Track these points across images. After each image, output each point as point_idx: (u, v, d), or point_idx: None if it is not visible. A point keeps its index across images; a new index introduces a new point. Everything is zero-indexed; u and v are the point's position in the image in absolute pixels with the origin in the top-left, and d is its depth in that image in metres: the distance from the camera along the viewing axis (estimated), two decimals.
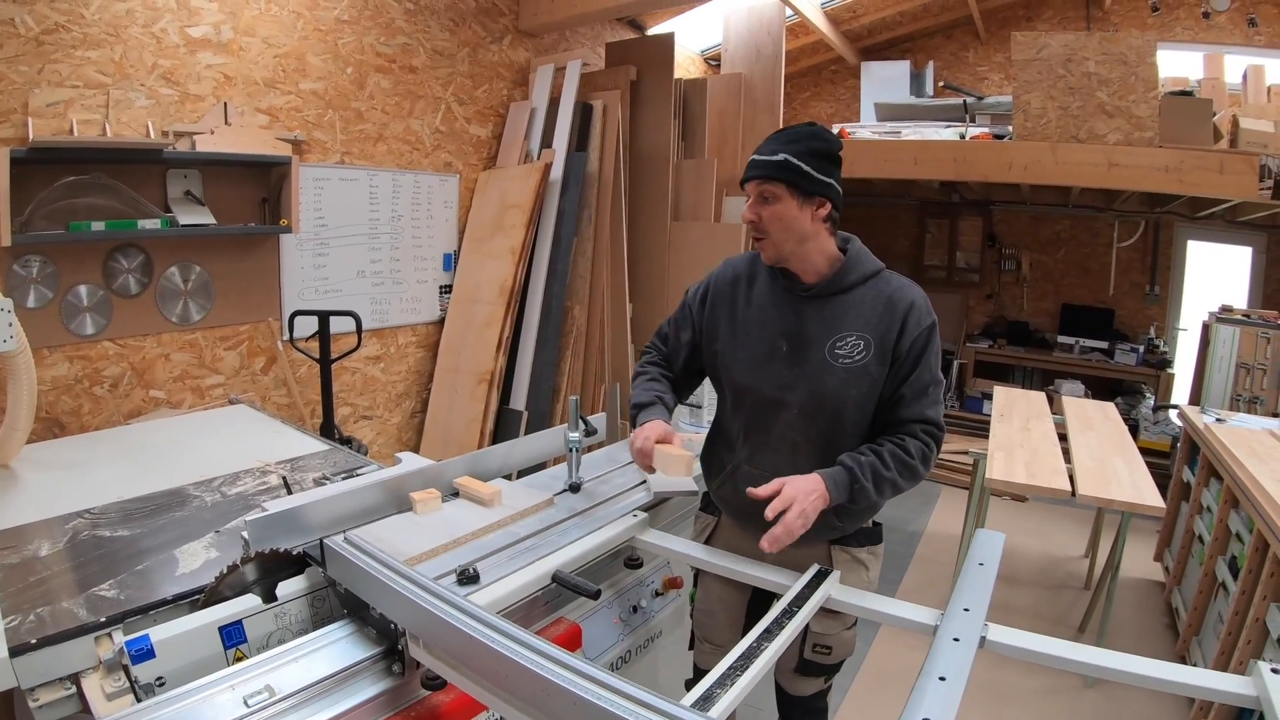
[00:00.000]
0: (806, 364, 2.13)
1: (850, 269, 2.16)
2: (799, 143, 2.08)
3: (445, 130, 6.04)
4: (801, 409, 2.15)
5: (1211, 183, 6.22)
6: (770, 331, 2.19)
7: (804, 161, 2.06)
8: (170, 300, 4.48)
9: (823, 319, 2.14)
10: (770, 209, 2.09)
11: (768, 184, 2.08)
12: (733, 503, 2.36)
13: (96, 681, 1.71)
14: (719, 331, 2.30)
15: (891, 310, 2.11)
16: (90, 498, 2.50)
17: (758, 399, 2.21)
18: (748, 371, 2.21)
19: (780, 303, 2.20)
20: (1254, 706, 1.66)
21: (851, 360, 2.09)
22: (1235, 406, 6.16)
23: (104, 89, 4.07)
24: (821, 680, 2.47)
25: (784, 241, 2.11)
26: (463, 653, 1.53)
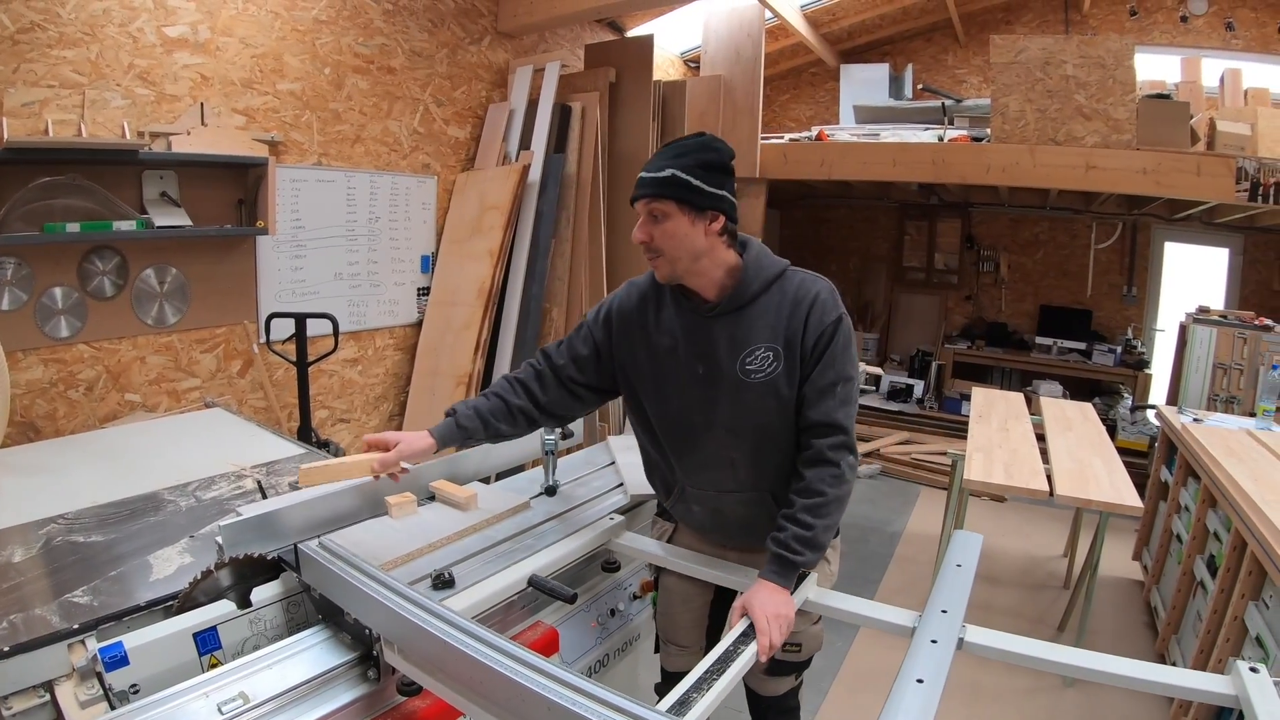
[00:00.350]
0: (723, 384, 2.07)
1: (751, 278, 2.07)
2: (687, 156, 1.99)
3: (423, 131, 6.02)
4: (728, 428, 2.10)
5: (1189, 185, 6.28)
6: (684, 355, 2.11)
7: (693, 175, 1.96)
8: (146, 302, 4.44)
9: (729, 336, 2.07)
10: (661, 227, 1.99)
11: (656, 202, 1.98)
12: (689, 519, 2.36)
13: (70, 689, 1.69)
14: (635, 360, 2.20)
15: (797, 311, 2.04)
16: (65, 502, 2.48)
17: (685, 425, 2.16)
18: (671, 400, 2.15)
19: (689, 325, 2.12)
20: (1233, 705, 1.67)
21: (763, 373, 2.04)
22: (1212, 406, 6.20)
23: (80, 89, 4.03)
24: (792, 678, 2.47)
25: (678, 259, 2.02)
26: (438, 658, 1.52)
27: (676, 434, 2.19)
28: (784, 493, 2.12)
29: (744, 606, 1.90)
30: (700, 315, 2.09)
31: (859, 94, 9.57)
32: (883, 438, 8.16)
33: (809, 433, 2.06)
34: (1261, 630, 3.05)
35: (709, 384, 2.09)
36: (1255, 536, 3.12)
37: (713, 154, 2.01)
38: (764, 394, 2.04)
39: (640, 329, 2.18)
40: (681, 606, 2.43)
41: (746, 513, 2.21)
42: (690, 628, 2.46)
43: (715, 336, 2.07)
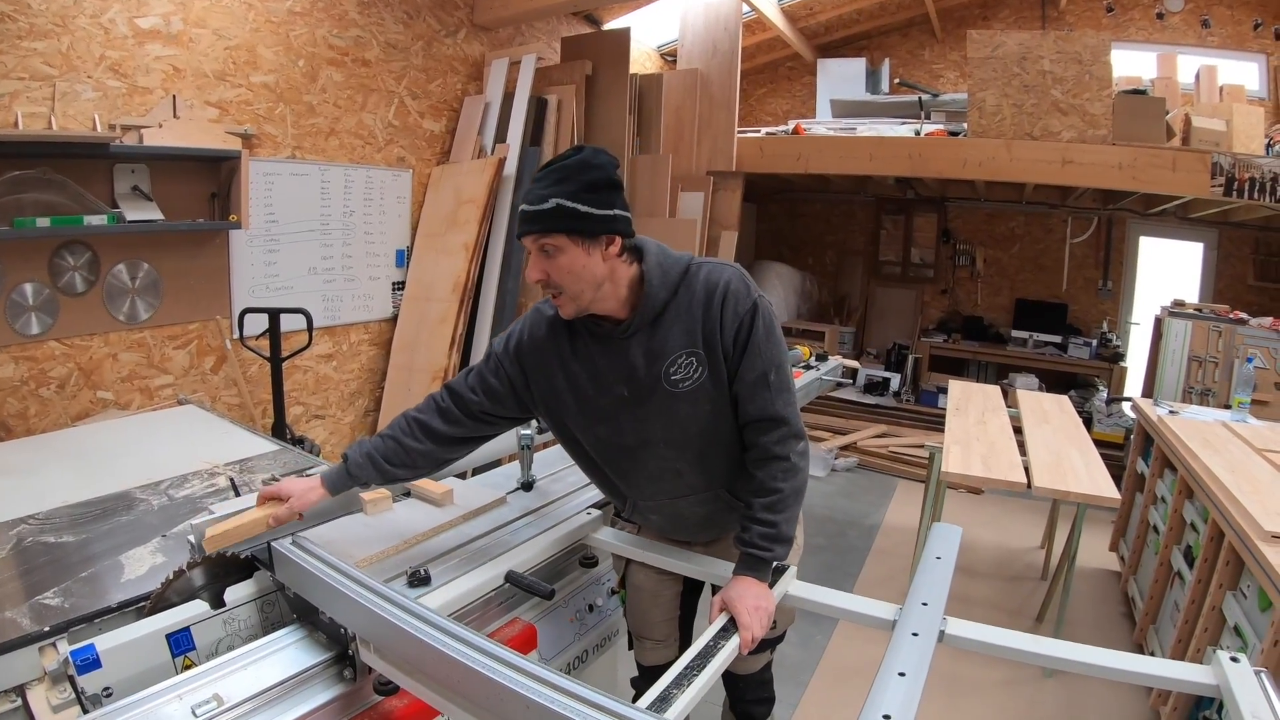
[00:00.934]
0: (652, 400, 1.98)
1: (656, 288, 1.94)
2: (570, 180, 1.81)
3: (398, 124, 5.98)
4: (665, 442, 2.03)
5: (1164, 180, 6.33)
6: (607, 382, 2.01)
7: (580, 202, 1.80)
8: (118, 298, 4.39)
9: (647, 351, 1.96)
10: (555, 263, 1.84)
11: (546, 237, 1.83)
12: (649, 524, 2.35)
13: (42, 693, 1.67)
14: (555, 392, 2.08)
15: (709, 306, 1.94)
16: (36, 502, 2.43)
17: (620, 448, 2.09)
18: (599, 426, 2.07)
19: (605, 350, 2.00)
20: (1214, 695, 1.68)
21: (690, 380, 1.95)
22: (1188, 399, 6.24)
23: (50, 81, 3.98)
24: (767, 654, 2.48)
25: (581, 293, 1.88)
26: (414, 657, 1.50)
27: (614, 458, 2.13)
28: (738, 484, 2.11)
29: (723, 601, 1.88)
30: (615, 338, 1.98)
31: (836, 88, 9.61)
32: (859, 431, 8.18)
33: (751, 430, 2.01)
34: (1240, 620, 3.06)
35: (636, 404, 2.00)
36: (1232, 527, 3.14)
37: (597, 171, 1.85)
38: (696, 400, 1.98)
39: (557, 360, 2.06)
40: (651, 601, 2.42)
41: (704, 511, 2.19)
42: (662, 622, 2.45)
43: (632, 356, 1.97)
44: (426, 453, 2.09)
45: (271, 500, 2.01)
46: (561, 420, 2.12)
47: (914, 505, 5.84)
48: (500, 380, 2.10)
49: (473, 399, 2.10)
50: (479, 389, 2.10)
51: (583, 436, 2.12)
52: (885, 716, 1.43)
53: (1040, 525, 5.77)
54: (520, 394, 2.10)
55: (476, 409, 2.10)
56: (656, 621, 2.45)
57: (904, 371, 9.34)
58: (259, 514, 1.96)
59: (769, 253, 10.58)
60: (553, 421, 2.15)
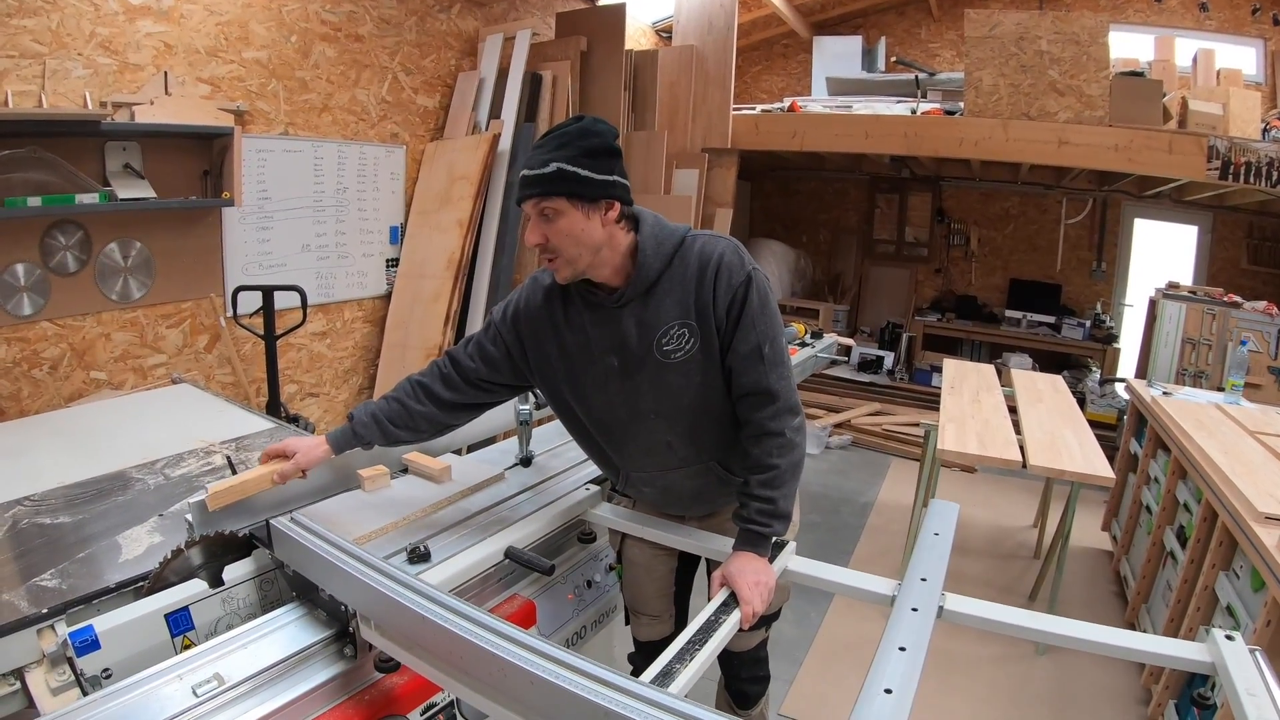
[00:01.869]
0: (643, 371, 1.99)
1: (650, 258, 1.95)
2: (570, 146, 1.84)
3: (392, 100, 5.95)
4: (656, 414, 2.04)
5: (1160, 162, 6.33)
6: (597, 352, 2.02)
7: (580, 166, 1.83)
8: (110, 278, 4.37)
9: (639, 321, 1.97)
10: (554, 226, 1.86)
11: (546, 200, 1.85)
12: (641, 498, 2.36)
13: (41, 676, 1.66)
14: (549, 361, 2.10)
15: (702, 278, 1.94)
16: (30, 484, 2.42)
17: (612, 419, 2.11)
18: (591, 397, 2.09)
19: (598, 319, 2.01)
20: (1208, 673, 1.69)
21: (682, 351, 1.96)
22: (1181, 381, 6.27)
23: (40, 59, 3.94)
24: (763, 630, 2.49)
25: (578, 257, 1.90)
26: (416, 633, 1.49)
27: (605, 429, 2.14)
28: (730, 458, 2.12)
29: (724, 576, 1.88)
30: (607, 307, 2.00)
31: (831, 66, 9.56)
32: (853, 409, 8.19)
33: (745, 404, 2.01)
34: (1233, 600, 3.08)
35: (626, 375, 2.01)
36: (1226, 508, 3.15)
37: (596, 139, 1.87)
38: (687, 372, 1.98)
39: (550, 328, 2.08)
40: (646, 576, 2.43)
41: (696, 484, 2.20)
42: (657, 596, 2.47)
43: (625, 326, 1.98)
44: (428, 416, 2.12)
45: (276, 458, 2.02)
46: (556, 389, 2.13)
47: (907, 483, 5.86)
48: (498, 348, 2.13)
49: (471, 366, 2.13)
50: (477, 357, 2.14)
51: (577, 406, 2.13)
52: (887, 690, 1.43)
53: (1033, 504, 5.80)
54: (517, 362, 2.13)
55: (475, 376, 2.13)
56: (652, 596, 2.46)
57: (898, 350, 9.36)
58: (263, 470, 1.98)
59: (763, 230, 10.56)
60: (548, 390, 2.17)
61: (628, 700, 1.22)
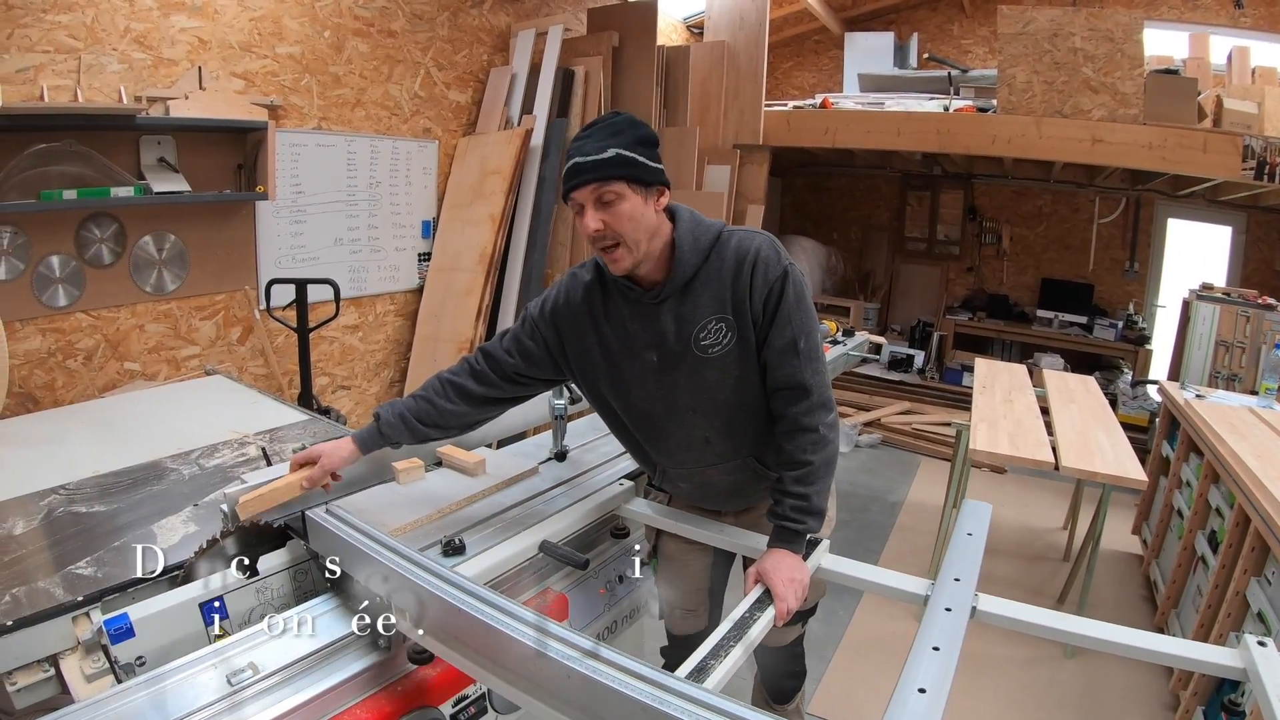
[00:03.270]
0: (681, 366, 2.00)
1: (687, 253, 1.95)
2: (624, 134, 1.86)
3: (424, 95, 5.97)
4: (693, 410, 2.05)
5: (1194, 161, 6.25)
6: (636, 347, 2.03)
7: (636, 152, 1.85)
8: (144, 270, 4.41)
9: (678, 316, 1.97)
10: (614, 211, 1.84)
11: (606, 185, 1.83)
12: (676, 494, 2.36)
13: (75, 663, 1.69)
14: (589, 357, 2.11)
15: (739, 273, 1.94)
16: (65, 473, 2.46)
17: (649, 415, 2.12)
18: (630, 393, 2.10)
19: (636, 314, 2.02)
20: (1240, 678, 1.67)
21: (720, 346, 1.96)
22: (1214, 383, 6.20)
23: (75, 54, 3.98)
24: (799, 626, 2.49)
25: (639, 243, 1.89)
26: (452, 626, 1.50)
27: (644, 424, 2.15)
28: (767, 453, 2.12)
29: (759, 573, 1.88)
30: (646, 303, 2.00)
31: (863, 62, 9.50)
32: (883, 407, 8.16)
33: (778, 398, 2.01)
34: (1264, 606, 3.05)
35: (664, 371, 2.02)
36: (1259, 513, 3.12)
37: (645, 129, 1.91)
38: (724, 366, 1.98)
39: (590, 324, 2.09)
40: (682, 571, 2.44)
41: (733, 480, 2.20)
42: (693, 591, 2.47)
43: (663, 321, 1.98)
44: (458, 413, 2.12)
45: (304, 465, 2.02)
46: (595, 385, 2.14)
47: (936, 483, 5.83)
48: (536, 342, 2.12)
49: (508, 360, 2.13)
50: (514, 351, 2.13)
51: (615, 402, 2.14)
52: (921, 689, 1.42)
53: (1063, 506, 5.75)
54: (555, 357, 2.13)
55: (511, 370, 2.13)
56: (687, 591, 2.47)
57: (928, 349, 9.30)
58: (292, 478, 1.98)
59: (794, 227, 10.51)
60: (586, 386, 2.18)
61: (665, 695, 1.22)
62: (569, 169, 1.87)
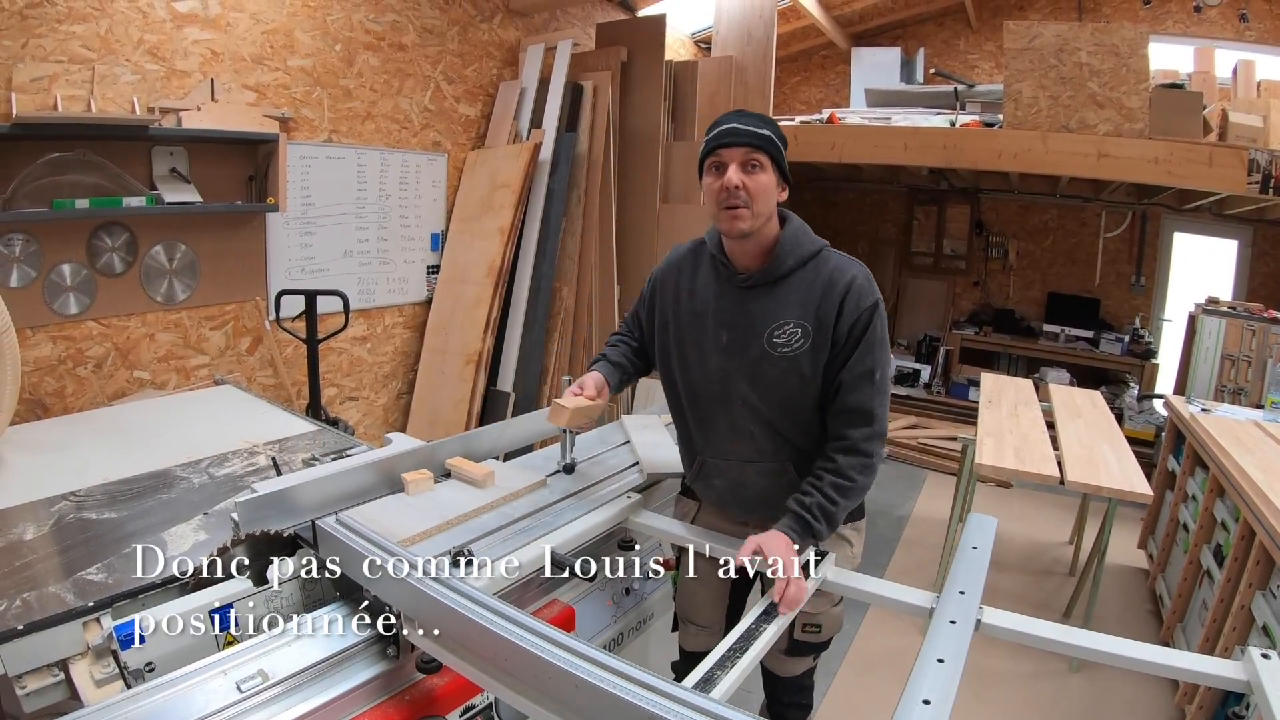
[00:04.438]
0: (746, 354, 2.09)
1: (786, 253, 2.09)
2: (773, 127, 2.05)
3: (434, 109, 6.00)
4: (745, 400, 2.12)
5: (1200, 175, 6.25)
6: (711, 323, 2.15)
7: (780, 142, 2.06)
8: (155, 279, 4.44)
9: (761, 308, 2.09)
10: (755, 178, 2.01)
11: (757, 152, 2.00)
12: (708, 494, 2.37)
13: (85, 668, 1.69)
14: (665, 321, 2.28)
15: (831, 292, 2.04)
16: (75, 480, 2.46)
17: (704, 393, 2.19)
18: (693, 367, 2.19)
19: (721, 293, 2.16)
20: (1244, 691, 1.68)
21: (790, 348, 2.05)
22: (1220, 397, 6.20)
23: (89, 64, 4.01)
24: (810, 659, 2.50)
25: (762, 212, 2.04)
26: (460, 635, 1.51)
27: (698, 402, 2.23)
28: (805, 465, 2.13)
29: (760, 545, 1.91)
30: (734, 284, 2.13)
31: (870, 78, 9.53)
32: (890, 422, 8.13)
33: (843, 419, 2.07)
34: (1269, 620, 3.05)
35: (730, 354, 2.11)
36: (1264, 526, 3.12)
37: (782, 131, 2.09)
38: (788, 369, 2.05)
39: (674, 289, 2.26)
40: (702, 586, 2.45)
41: (767, 485, 2.22)
42: (710, 607, 2.48)
43: (747, 307, 2.10)
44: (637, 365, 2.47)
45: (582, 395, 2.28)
46: (666, 349, 2.30)
47: (942, 497, 5.83)
48: (641, 305, 2.43)
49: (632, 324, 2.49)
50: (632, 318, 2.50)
51: (678, 372, 2.25)
52: (925, 701, 1.44)
53: (1069, 521, 5.75)
54: (643, 324, 2.43)
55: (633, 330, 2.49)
56: (704, 605, 2.48)
57: (934, 363, 9.31)
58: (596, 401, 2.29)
59: None
60: (660, 350, 2.35)
61: (671, 705, 1.23)
62: (726, 129, 2.03)
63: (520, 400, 5.80)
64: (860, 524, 2.38)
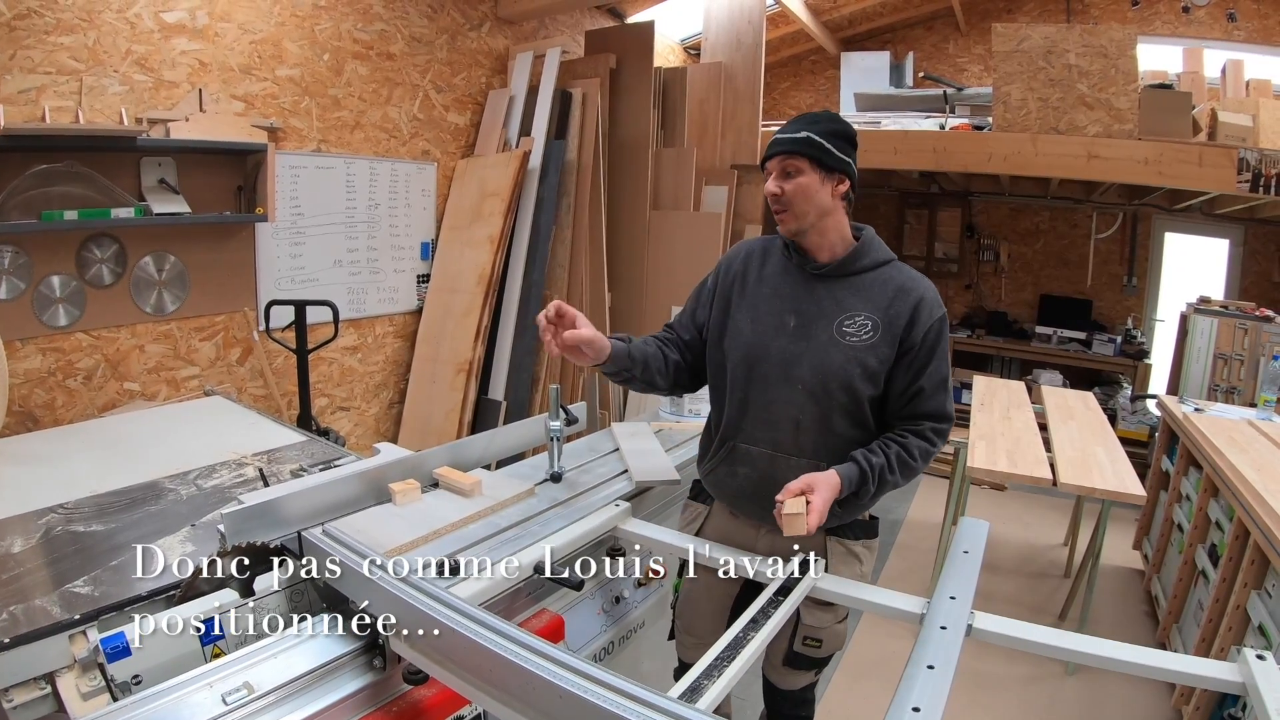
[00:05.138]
0: (813, 339, 2.15)
1: (863, 253, 2.20)
2: (820, 124, 2.14)
3: (423, 118, 6.00)
4: (804, 384, 2.15)
5: (1190, 175, 6.27)
6: (780, 306, 2.22)
7: (825, 139, 2.11)
8: (145, 290, 4.42)
9: (832, 297, 2.18)
10: (793, 182, 2.12)
11: (791, 159, 2.11)
12: (728, 484, 2.33)
13: (72, 681, 1.68)
14: (730, 301, 2.32)
15: (903, 298, 2.14)
16: (64, 492, 2.45)
17: (764, 372, 2.20)
18: (756, 343, 2.22)
19: (792, 279, 2.24)
20: (1239, 693, 1.67)
21: (859, 339, 2.12)
22: (1213, 396, 6.21)
23: (77, 75, 4.01)
24: (811, 673, 2.46)
25: (805, 214, 2.13)
26: (446, 646, 1.50)
27: (751, 382, 2.23)
28: None
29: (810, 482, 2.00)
30: (807, 272, 2.23)
31: (859, 82, 9.55)
32: None
33: (921, 420, 2.18)
34: (1264, 619, 3.05)
35: (797, 338, 2.18)
36: (1258, 525, 3.12)
37: (842, 125, 2.18)
38: (852, 359, 2.12)
39: (742, 273, 2.33)
40: (705, 595, 2.43)
41: None
42: (710, 617, 2.44)
43: (818, 294, 2.20)
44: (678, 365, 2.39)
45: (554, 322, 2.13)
46: (723, 327, 2.32)
47: (936, 502, 5.82)
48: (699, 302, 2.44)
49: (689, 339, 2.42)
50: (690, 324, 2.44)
51: (735, 352, 2.27)
52: (915, 709, 1.43)
53: (1063, 522, 5.76)
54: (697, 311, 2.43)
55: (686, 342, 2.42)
56: (702, 616, 2.46)
57: None
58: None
59: None
60: (716, 327, 2.35)
61: (656, 715, 1.22)
62: (773, 140, 2.19)
63: (512, 408, 5.79)
64: (874, 543, 2.40)
